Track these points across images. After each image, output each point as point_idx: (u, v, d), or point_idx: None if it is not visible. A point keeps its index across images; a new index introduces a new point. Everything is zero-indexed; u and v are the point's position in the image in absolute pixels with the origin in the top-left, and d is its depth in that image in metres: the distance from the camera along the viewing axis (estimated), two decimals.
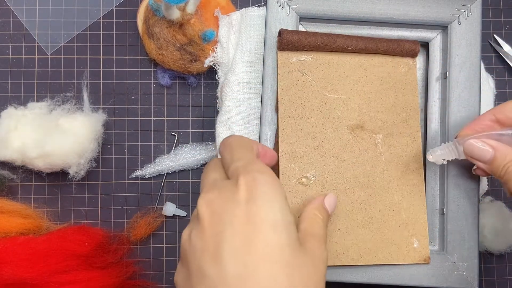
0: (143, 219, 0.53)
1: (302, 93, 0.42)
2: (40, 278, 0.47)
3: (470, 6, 0.48)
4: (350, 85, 0.43)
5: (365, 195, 0.43)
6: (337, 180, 0.42)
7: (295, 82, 0.41)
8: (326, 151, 0.42)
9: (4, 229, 0.50)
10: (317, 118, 0.42)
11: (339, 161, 0.42)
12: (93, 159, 0.53)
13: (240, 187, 0.31)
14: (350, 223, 0.42)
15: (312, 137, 0.41)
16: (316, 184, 0.41)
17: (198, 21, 0.53)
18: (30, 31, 0.56)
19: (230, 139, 0.36)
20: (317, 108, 0.42)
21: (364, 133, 0.43)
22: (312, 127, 0.42)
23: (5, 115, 0.51)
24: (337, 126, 0.42)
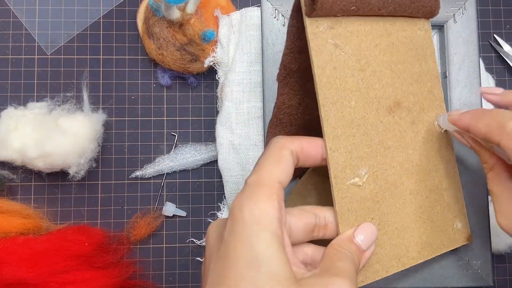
0: (143, 219, 0.53)
1: (338, 71, 0.35)
2: (40, 278, 0.47)
3: (465, 4, 0.48)
4: (380, 55, 0.37)
5: (412, 183, 0.38)
6: (386, 172, 0.37)
7: (330, 57, 0.34)
8: (371, 139, 0.36)
9: (4, 229, 0.50)
10: (357, 100, 0.35)
11: (385, 149, 0.37)
12: (93, 159, 0.53)
13: (228, 219, 0.29)
14: (405, 218, 0.38)
15: (356, 124, 0.35)
16: (368, 182, 0.36)
17: (198, 21, 0.53)
18: (30, 31, 0.56)
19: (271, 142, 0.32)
20: (355, 88, 0.35)
21: (401, 111, 0.38)
22: (354, 113, 0.35)
23: (5, 115, 0.51)
24: (377, 107, 0.36)
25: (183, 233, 0.55)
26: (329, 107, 0.34)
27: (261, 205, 0.28)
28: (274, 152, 0.31)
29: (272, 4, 0.48)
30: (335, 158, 0.34)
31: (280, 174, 0.30)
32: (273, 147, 0.31)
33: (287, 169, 0.31)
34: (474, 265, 0.46)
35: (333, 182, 0.34)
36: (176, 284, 0.54)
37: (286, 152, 0.31)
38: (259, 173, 0.30)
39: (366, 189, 0.35)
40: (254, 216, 0.28)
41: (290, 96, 0.38)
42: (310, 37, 0.33)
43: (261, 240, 0.27)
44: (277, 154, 0.31)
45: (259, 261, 0.26)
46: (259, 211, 0.28)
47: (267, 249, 0.27)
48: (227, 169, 0.52)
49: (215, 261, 0.28)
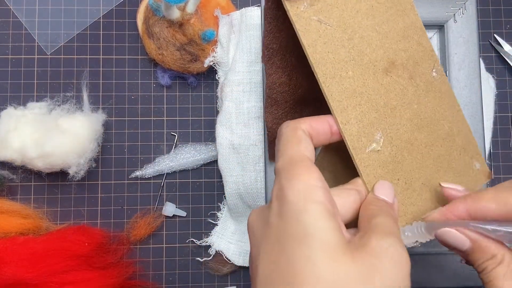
0: (143, 219, 0.53)
1: (329, 45, 0.35)
2: (40, 278, 0.47)
3: (465, 4, 0.48)
4: (364, 20, 0.38)
5: (425, 136, 0.39)
6: (399, 131, 0.38)
7: (317, 34, 0.35)
8: (377, 103, 0.37)
9: (4, 229, 0.50)
10: (354, 69, 0.36)
11: (391, 110, 0.38)
12: (92, 159, 0.53)
13: (272, 200, 0.28)
14: (427, 172, 0.39)
15: (359, 93, 0.36)
16: (385, 145, 0.36)
17: (198, 21, 0.53)
18: (30, 31, 0.56)
19: (281, 129, 0.33)
20: (348, 57, 0.36)
21: (397, 69, 0.39)
22: (354, 82, 0.36)
23: (5, 115, 0.51)
24: (373, 71, 0.37)
25: (183, 233, 0.55)
26: (330, 82, 0.35)
27: (301, 179, 0.28)
28: (290, 135, 0.31)
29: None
30: (349, 130, 0.34)
31: (305, 151, 0.30)
32: (285, 131, 0.32)
33: (310, 146, 0.31)
34: None
35: (353, 153, 0.34)
36: (176, 284, 0.54)
37: (300, 132, 0.31)
38: (285, 156, 0.30)
39: (385, 152, 0.36)
40: (296, 191, 0.27)
41: (279, 75, 0.39)
42: (294, 19, 0.34)
43: (309, 213, 0.26)
44: (293, 136, 0.31)
45: (309, 236, 0.26)
46: (300, 185, 0.28)
47: (316, 221, 0.26)
48: (227, 169, 0.52)
49: (264, 248, 0.28)
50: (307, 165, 0.29)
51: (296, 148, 0.30)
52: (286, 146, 0.31)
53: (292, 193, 0.27)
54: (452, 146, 0.41)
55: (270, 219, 0.28)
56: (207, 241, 0.54)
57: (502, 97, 0.58)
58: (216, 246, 0.54)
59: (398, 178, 0.36)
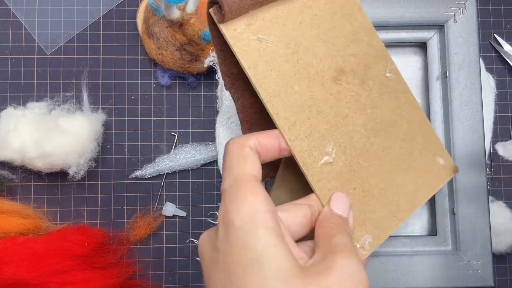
0: (143, 219, 0.53)
1: (271, 63, 0.34)
2: (40, 278, 0.47)
3: (465, 4, 0.48)
4: (308, 31, 0.36)
5: (382, 140, 0.38)
6: (353, 139, 0.36)
7: (257, 54, 0.34)
8: (327, 114, 0.36)
9: (4, 229, 0.50)
10: (300, 83, 0.35)
11: (343, 118, 0.36)
12: (92, 159, 0.53)
13: (219, 224, 0.28)
14: (386, 176, 0.38)
15: (307, 106, 0.35)
16: (338, 156, 0.35)
17: (198, 20, 0.53)
18: (30, 31, 0.56)
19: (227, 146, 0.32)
20: (293, 72, 0.35)
21: (347, 76, 0.37)
22: (301, 96, 0.35)
23: (5, 115, 0.51)
24: (321, 81, 0.36)
25: (183, 233, 0.55)
26: (274, 101, 0.34)
27: (247, 202, 0.27)
28: (236, 153, 0.30)
29: None
30: (298, 146, 0.33)
31: (251, 169, 0.29)
32: (231, 148, 0.31)
33: (256, 164, 0.30)
34: (475, 265, 0.46)
35: (304, 169, 0.33)
36: (176, 284, 0.54)
37: (246, 149, 0.30)
38: (231, 176, 0.29)
39: (339, 163, 0.35)
40: (243, 216, 0.27)
41: (247, 97, 0.38)
42: (231, 42, 0.33)
43: (258, 239, 0.26)
44: (239, 154, 0.30)
45: (260, 261, 0.25)
46: (246, 209, 0.27)
47: (266, 246, 0.26)
48: None
49: (214, 273, 0.27)
50: (253, 187, 0.28)
51: (241, 167, 0.29)
52: (232, 165, 0.30)
53: (238, 218, 0.26)
54: (412, 146, 0.40)
55: (218, 244, 0.27)
56: None
57: (502, 97, 0.57)
58: None
59: (355, 187, 0.35)
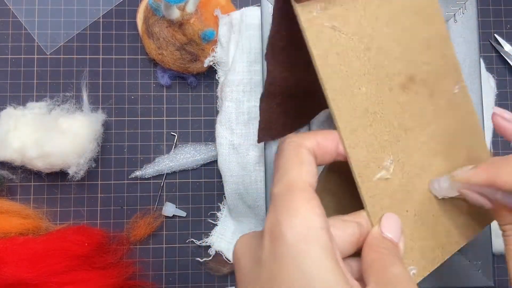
0: (143, 219, 0.53)
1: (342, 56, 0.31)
2: (40, 278, 0.47)
3: (465, 3, 0.48)
4: (384, 28, 0.33)
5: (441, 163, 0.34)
6: (412, 156, 0.33)
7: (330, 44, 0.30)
8: (390, 124, 0.32)
9: (4, 229, 0.50)
10: (368, 85, 0.31)
11: (406, 132, 0.33)
12: (92, 159, 0.53)
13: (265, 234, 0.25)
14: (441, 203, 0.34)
15: (372, 112, 0.31)
16: (395, 172, 0.32)
17: (198, 20, 0.53)
18: (30, 31, 0.56)
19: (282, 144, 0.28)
20: (363, 71, 0.31)
21: (417, 85, 0.34)
22: (367, 99, 0.31)
23: (5, 115, 0.51)
24: (390, 86, 0.32)
25: (183, 233, 0.55)
26: (339, 99, 0.30)
27: (302, 215, 0.24)
28: (292, 153, 0.27)
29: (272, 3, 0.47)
30: (356, 155, 0.30)
31: (307, 175, 0.26)
32: (288, 148, 0.28)
33: (312, 170, 0.27)
34: (475, 265, 0.46)
35: (359, 181, 0.30)
36: (176, 284, 0.54)
37: (304, 150, 0.28)
38: (285, 179, 0.26)
39: (395, 180, 0.32)
40: (297, 231, 0.24)
41: (280, 70, 0.36)
42: (304, 26, 0.29)
43: (312, 260, 0.23)
44: (296, 155, 0.27)
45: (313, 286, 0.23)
46: (302, 223, 0.24)
47: (319, 269, 0.23)
48: (227, 169, 0.52)
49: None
50: (308, 197, 0.25)
51: (296, 172, 0.26)
52: (286, 167, 0.27)
53: (291, 233, 0.24)
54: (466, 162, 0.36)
55: (263, 257, 0.24)
56: (207, 241, 0.54)
57: (502, 97, 0.57)
58: (216, 246, 0.54)
59: (407, 209, 0.32)
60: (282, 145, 0.28)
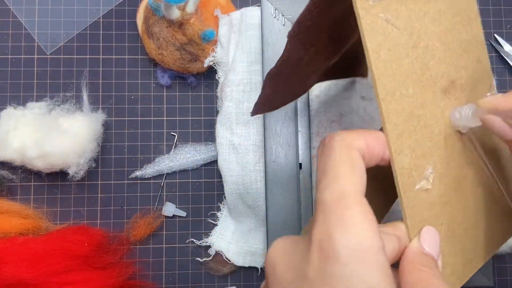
0: (143, 219, 0.53)
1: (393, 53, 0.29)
2: (40, 278, 0.47)
3: None
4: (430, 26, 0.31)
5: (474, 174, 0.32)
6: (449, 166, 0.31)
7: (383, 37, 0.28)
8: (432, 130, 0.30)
9: (4, 229, 0.50)
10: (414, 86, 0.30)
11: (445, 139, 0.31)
12: (92, 159, 0.53)
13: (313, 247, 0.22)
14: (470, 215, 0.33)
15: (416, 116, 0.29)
16: (435, 183, 0.30)
17: (198, 20, 0.53)
18: (30, 31, 0.56)
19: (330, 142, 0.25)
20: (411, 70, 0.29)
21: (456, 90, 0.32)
22: (413, 102, 0.29)
23: (5, 115, 0.51)
24: (433, 90, 0.30)
25: (183, 233, 0.55)
26: (389, 100, 0.28)
27: (359, 232, 0.22)
28: (344, 155, 0.24)
29: (272, 3, 0.48)
30: (401, 162, 0.28)
31: (360, 183, 0.24)
32: (339, 147, 0.25)
33: (364, 175, 0.24)
34: None
35: (401, 191, 0.28)
36: (176, 284, 0.54)
37: (356, 153, 0.25)
38: (336, 184, 0.23)
39: (434, 192, 0.30)
40: (352, 249, 0.21)
41: (298, 50, 0.33)
42: (361, 14, 0.27)
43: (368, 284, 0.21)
44: (348, 157, 0.24)
45: None
46: (359, 241, 0.21)
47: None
48: (227, 169, 0.52)
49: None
50: (365, 211, 0.23)
51: (350, 179, 0.23)
52: (337, 171, 0.24)
53: (345, 252, 0.21)
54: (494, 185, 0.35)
55: (310, 274, 0.22)
56: (207, 241, 0.54)
57: None
58: (216, 246, 0.54)
59: (442, 222, 0.30)
60: (330, 142, 0.25)
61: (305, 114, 0.49)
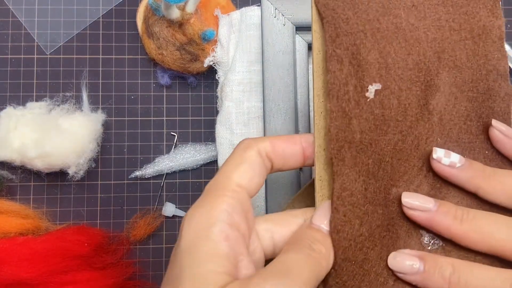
0: (143, 220, 0.53)
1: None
2: (40, 279, 0.47)
3: None
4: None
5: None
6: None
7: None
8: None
9: (3, 229, 0.50)
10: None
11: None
12: (92, 159, 0.53)
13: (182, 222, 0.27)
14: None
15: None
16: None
17: (198, 20, 0.53)
18: (29, 31, 0.55)
19: (237, 145, 0.29)
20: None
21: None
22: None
23: (4, 115, 0.51)
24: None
25: None
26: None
27: (202, 211, 0.25)
28: (237, 154, 0.27)
29: (272, 3, 0.48)
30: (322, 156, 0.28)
31: (240, 176, 0.26)
32: (237, 148, 0.28)
33: (252, 171, 0.27)
34: None
35: (317, 186, 0.28)
36: None
37: (251, 152, 0.27)
38: (215, 177, 0.27)
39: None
40: (192, 225, 0.25)
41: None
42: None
43: (191, 256, 0.23)
44: (239, 156, 0.27)
45: (180, 283, 0.23)
46: (203, 218, 0.25)
47: (193, 266, 0.23)
48: None
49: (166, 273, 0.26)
50: (225, 195, 0.25)
51: (229, 172, 0.26)
52: (224, 166, 0.27)
53: (187, 227, 0.25)
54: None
55: (176, 244, 0.25)
56: None
57: None
58: None
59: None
60: (236, 145, 0.28)
61: (305, 114, 0.49)
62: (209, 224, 0.24)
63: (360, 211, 0.26)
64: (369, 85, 0.27)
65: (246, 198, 0.26)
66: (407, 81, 0.28)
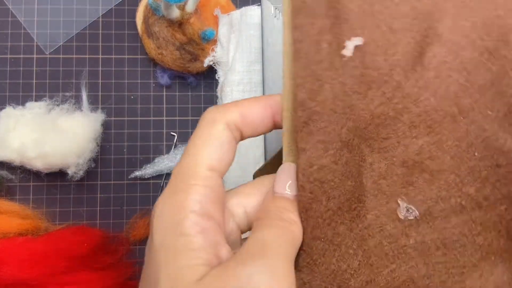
0: (143, 220, 0.53)
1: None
2: (39, 279, 0.47)
3: None
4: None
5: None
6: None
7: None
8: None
9: (3, 229, 0.50)
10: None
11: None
12: (92, 159, 0.52)
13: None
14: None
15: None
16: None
17: (198, 20, 0.53)
18: (29, 31, 0.55)
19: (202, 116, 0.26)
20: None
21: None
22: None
23: (4, 115, 0.51)
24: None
25: None
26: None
27: (178, 202, 0.23)
28: (203, 131, 0.25)
29: (272, 3, 0.47)
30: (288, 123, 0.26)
31: (210, 158, 0.24)
32: (203, 124, 0.25)
33: (221, 149, 0.25)
34: None
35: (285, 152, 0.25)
36: None
37: (218, 127, 0.25)
38: (182, 160, 0.24)
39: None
40: (168, 219, 0.23)
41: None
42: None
43: (164, 252, 0.22)
44: (207, 132, 0.25)
45: (157, 282, 0.22)
46: (174, 211, 0.23)
47: (163, 263, 0.22)
48: None
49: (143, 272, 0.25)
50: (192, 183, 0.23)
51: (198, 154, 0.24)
52: (191, 146, 0.24)
53: (159, 222, 0.23)
54: None
55: (148, 242, 0.24)
56: None
57: None
58: None
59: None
60: (201, 118, 0.26)
61: None
62: (180, 217, 0.22)
63: (327, 186, 0.24)
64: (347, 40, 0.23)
65: (218, 182, 0.25)
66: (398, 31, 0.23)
